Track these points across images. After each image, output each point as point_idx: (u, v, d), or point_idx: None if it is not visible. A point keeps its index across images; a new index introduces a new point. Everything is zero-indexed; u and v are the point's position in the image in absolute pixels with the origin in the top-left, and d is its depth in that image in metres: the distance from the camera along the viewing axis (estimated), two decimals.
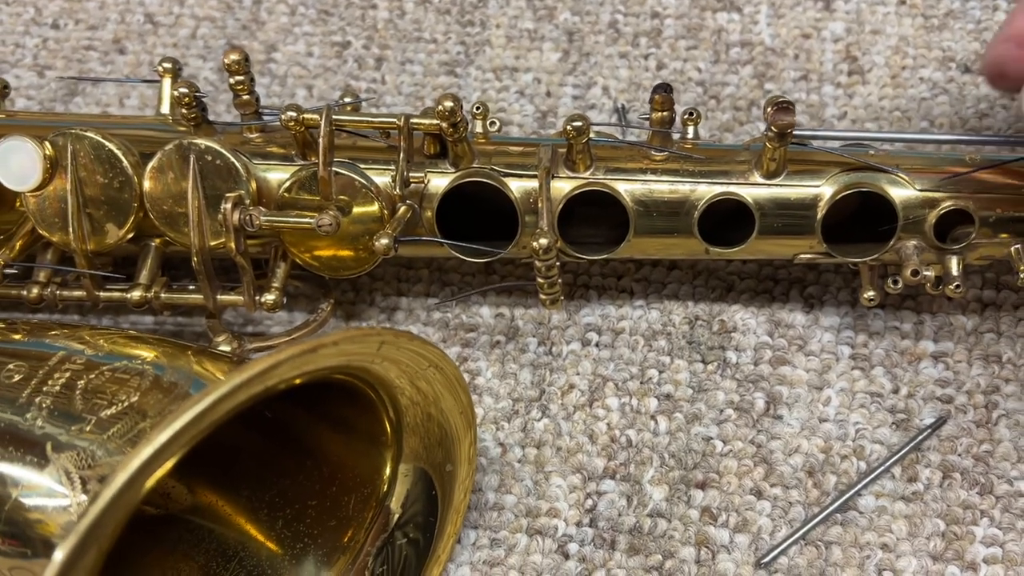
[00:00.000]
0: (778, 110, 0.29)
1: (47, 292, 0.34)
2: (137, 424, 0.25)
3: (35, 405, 0.26)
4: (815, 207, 0.32)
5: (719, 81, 0.42)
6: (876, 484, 0.33)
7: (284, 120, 0.32)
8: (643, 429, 0.34)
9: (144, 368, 0.27)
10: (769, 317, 0.36)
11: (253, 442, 0.31)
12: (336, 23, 0.45)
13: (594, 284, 0.38)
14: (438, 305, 0.37)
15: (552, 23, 0.44)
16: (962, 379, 0.34)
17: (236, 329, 0.38)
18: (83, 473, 0.24)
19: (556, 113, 0.41)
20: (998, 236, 0.31)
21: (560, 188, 0.32)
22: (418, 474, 0.29)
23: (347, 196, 0.32)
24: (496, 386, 0.36)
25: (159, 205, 0.33)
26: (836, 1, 0.43)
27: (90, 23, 0.46)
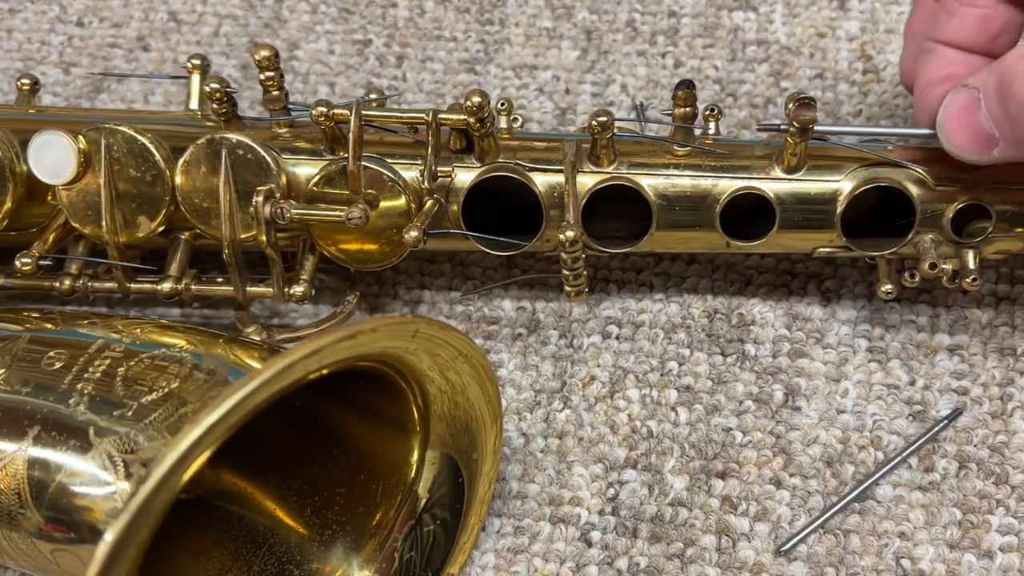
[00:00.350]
0: (800, 106, 0.30)
1: (79, 284, 0.35)
2: (178, 410, 0.26)
3: (77, 391, 0.27)
4: (835, 201, 0.32)
5: (736, 79, 0.42)
6: (893, 474, 0.33)
7: (314, 115, 0.32)
8: (663, 420, 0.35)
9: (182, 356, 0.28)
10: (787, 311, 0.37)
11: (282, 430, 0.32)
12: (357, 21, 0.46)
13: (614, 278, 0.38)
14: (461, 298, 0.38)
15: (570, 22, 0.44)
16: (977, 371, 0.35)
17: (263, 320, 0.38)
18: (126, 457, 0.25)
19: (575, 110, 0.42)
20: (1014, 230, 0.32)
21: (584, 183, 0.33)
22: (445, 460, 0.30)
23: (375, 190, 0.33)
24: (518, 378, 0.36)
25: (190, 198, 0.33)
26: (851, 0, 0.44)
27: (114, 21, 0.47)
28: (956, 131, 0.29)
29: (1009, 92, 0.27)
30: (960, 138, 0.29)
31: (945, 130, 0.29)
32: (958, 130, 0.29)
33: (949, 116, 0.29)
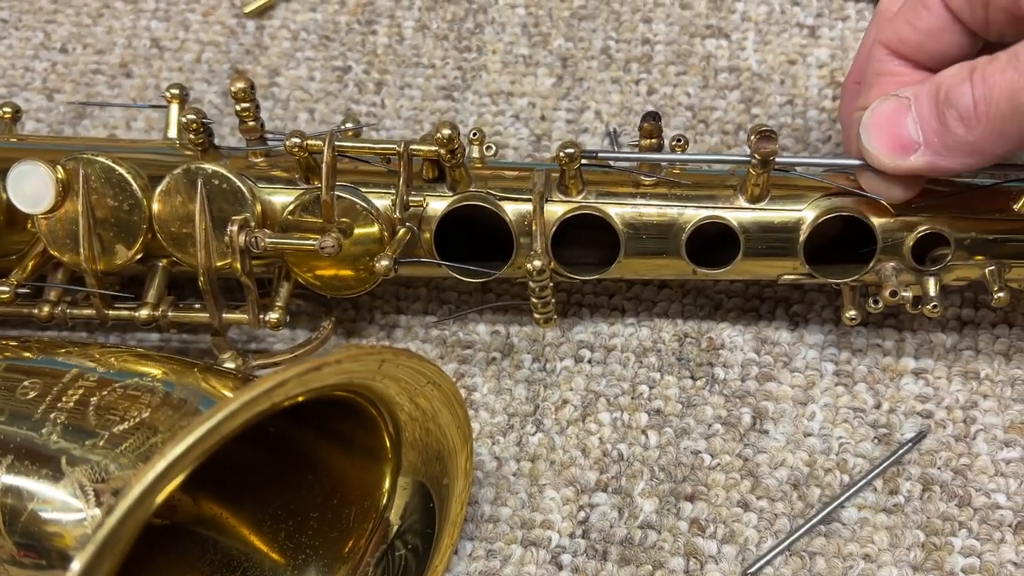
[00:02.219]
0: (761, 138, 0.31)
1: (57, 310, 0.35)
2: (149, 439, 0.26)
3: (50, 421, 0.27)
4: (798, 230, 0.33)
5: (707, 106, 0.43)
6: (858, 496, 0.34)
7: (288, 146, 0.33)
8: (634, 443, 0.35)
9: (154, 385, 0.28)
10: (755, 335, 0.37)
11: (257, 456, 0.32)
12: (337, 48, 0.46)
13: (587, 302, 0.39)
14: (436, 323, 0.38)
15: (546, 49, 0.45)
16: (941, 395, 0.36)
17: (240, 346, 0.39)
18: (97, 487, 0.25)
19: (550, 136, 0.43)
20: (973, 258, 0.33)
21: (553, 211, 0.34)
22: (416, 487, 0.30)
23: (349, 219, 0.34)
24: (492, 401, 0.37)
25: (167, 227, 0.34)
26: (821, 28, 0.45)
27: (98, 47, 0.47)
28: (878, 133, 0.30)
29: (947, 99, 0.28)
30: (880, 139, 0.30)
31: (868, 131, 0.30)
32: (880, 132, 0.30)
33: (874, 118, 0.30)
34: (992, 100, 0.27)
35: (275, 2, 0.48)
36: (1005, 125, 0.28)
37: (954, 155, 0.29)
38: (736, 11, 0.45)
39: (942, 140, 0.29)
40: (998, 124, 0.28)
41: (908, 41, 0.31)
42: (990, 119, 0.27)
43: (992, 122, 0.28)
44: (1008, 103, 0.27)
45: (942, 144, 0.29)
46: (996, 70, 0.27)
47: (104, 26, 0.48)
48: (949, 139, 0.29)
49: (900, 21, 0.30)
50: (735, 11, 0.45)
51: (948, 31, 0.30)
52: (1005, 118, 0.27)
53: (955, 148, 0.29)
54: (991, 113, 0.27)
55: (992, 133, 0.28)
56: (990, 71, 0.27)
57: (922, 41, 0.30)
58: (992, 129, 0.28)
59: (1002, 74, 0.27)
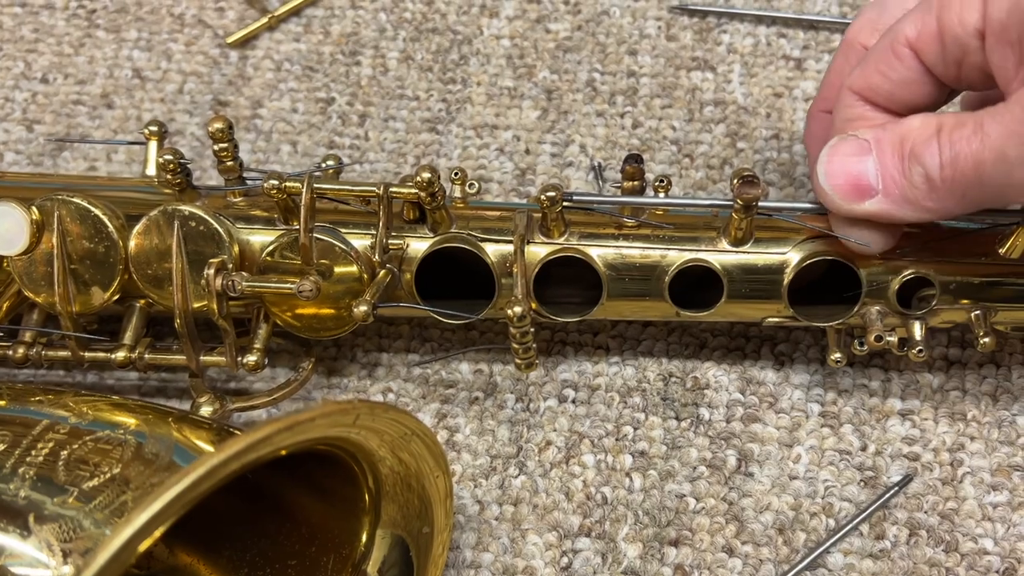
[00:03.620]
0: (744, 183, 0.30)
1: (32, 352, 0.35)
2: (119, 496, 0.26)
3: (18, 476, 0.27)
4: (782, 273, 0.33)
5: (693, 140, 0.43)
6: (844, 541, 0.33)
7: (266, 188, 0.32)
8: (618, 486, 0.35)
9: (126, 438, 0.27)
10: (741, 374, 0.37)
11: (234, 503, 0.32)
12: (320, 79, 0.46)
13: (571, 340, 0.38)
14: (418, 363, 0.38)
15: (531, 81, 0.45)
16: (928, 437, 0.35)
17: (219, 384, 0.38)
18: (65, 546, 0.25)
19: (535, 171, 0.42)
20: (959, 302, 0.32)
21: (535, 253, 0.33)
22: (395, 540, 0.30)
23: (328, 260, 0.33)
24: (474, 443, 0.36)
25: (144, 268, 0.34)
26: (807, 61, 0.44)
27: (79, 78, 0.47)
28: (836, 172, 0.30)
29: (913, 154, 0.28)
30: (837, 179, 0.30)
31: (826, 169, 0.30)
32: (838, 171, 0.30)
33: (832, 156, 0.30)
34: (958, 167, 0.27)
35: (258, 32, 0.47)
36: (968, 191, 0.28)
37: (911, 208, 0.29)
38: (722, 43, 0.45)
39: (902, 192, 0.29)
40: (961, 188, 0.28)
41: (880, 90, 0.30)
42: (955, 183, 0.28)
43: (956, 186, 0.28)
44: (973, 172, 0.27)
45: (901, 196, 0.29)
46: (963, 137, 0.27)
47: (86, 56, 0.47)
48: (910, 193, 0.29)
49: (871, 70, 0.30)
50: (721, 43, 0.45)
51: (920, 82, 0.30)
52: (969, 185, 0.27)
53: (914, 202, 0.29)
54: (956, 178, 0.27)
55: (954, 195, 0.28)
56: (956, 137, 0.27)
57: (894, 91, 0.30)
58: (955, 192, 0.28)
59: (968, 143, 0.27)
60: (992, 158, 0.27)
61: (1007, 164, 0.26)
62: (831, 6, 0.46)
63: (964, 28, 0.28)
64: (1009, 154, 0.26)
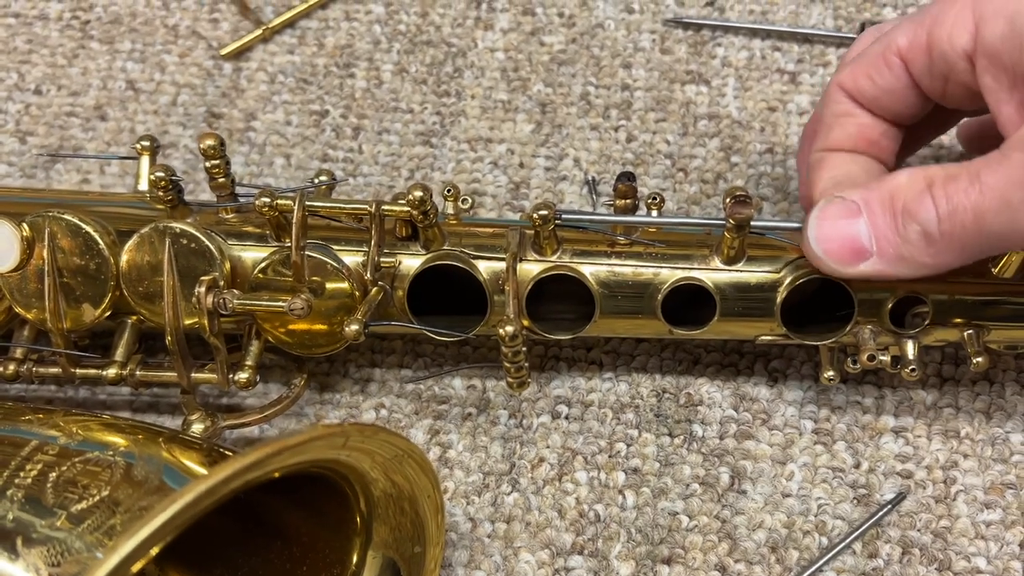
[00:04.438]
0: (736, 202, 0.30)
1: (23, 368, 0.35)
2: (108, 519, 0.26)
3: (7, 497, 0.26)
4: (775, 291, 0.32)
5: (687, 154, 0.43)
6: (837, 560, 0.33)
7: (258, 205, 0.32)
8: (611, 504, 0.35)
9: (116, 459, 0.27)
10: (734, 391, 0.37)
11: (226, 523, 0.31)
12: (315, 92, 0.46)
13: (564, 356, 0.38)
14: (411, 379, 0.38)
15: (526, 94, 0.45)
16: (921, 454, 0.35)
17: (211, 400, 0.38)
18: (53, 570, 0.25)
19: (529, 184, 0.42)
20: (952, 321, 0.32)
21: (528, 271, 0.33)
22: (386, 561, 0.29)
23: (320, 277, 0.33)
24: (467, 459, 0.36)
25: (135, 285, 0.33)
26: (801, 75, 0.44)
27: (72, 89, 0.47)
28: (828, 237, 0.29)
29: (907, 211, 0.28)
30: (830, 244, 0.29)
31: (816, 234, 0.30)
32: (830, 236, 0.29)
33: (822, 220, 0.30)
34: (957, 220, 0.27)
35: (252, 44, 0.47)
36: (968, 243, 0.27)
37: (908, 266, 0.29)
38: (716, 57, 0.45)
39: (897, 251, 0.28)
40: (960, 242, 0.27)
41: (866, 93, 0.31)
42: (954, 237, 0.27)
43: (955, 240, 0.27)
44: (973, 224, 0.27)
45: (897, 255, 0.29)
46: (959, 190, 0.27)
47: (79, 67, 0.47)
48: (906, 251, 0.28)
49: (861, 73, 0.30)
50: (715, 57, 0.45)
51: (906, 93, 0.30)
52: (969, 237, 0.27)
53: (910, 260, 0.28)
54: (955, 232, 0.27)
55: (953, 249, 0.28)
56: (952, 190, 0.27)
57: (880, 97, 0.30)
58: (954, 246, 0.28)
59: (966, 194, 0.27)
60: (995, 207, 0.26)
61: (1011, 211, 0.26)
62: (826, 20, 0.46)
63: (952, 47, 0.28)
64: (1013, 201, 0.26)
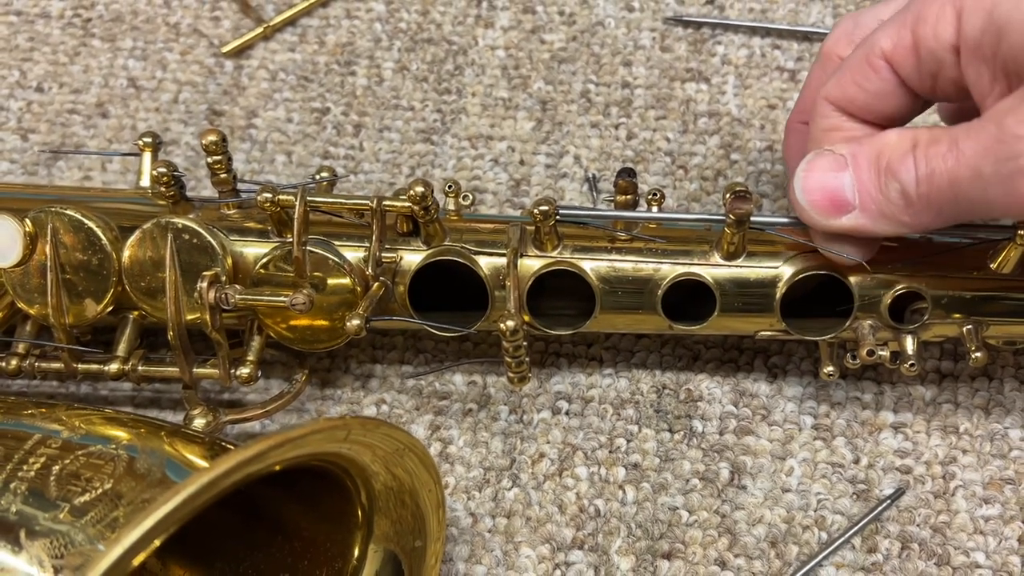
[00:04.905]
0: (736, 198, 0.30)
1: (25, 364, 0.35)
2: (111, 511, 0.26)
3: (10, 490, 0.27)
4: (774, 287, 0.33)
5: (687, 151, 0.43)
6: (837, 555, 0.33)
7: (260, 201, 0.32)
8: (611, 499, 0.35)
9: (118, 452, 0.27)
10: (734, 387, 0.37)
11: (228, 517, 0.32)
12: (316, 89, 0.46)
13: (565, 352, 0.38)
14: (412, 375, 0.38)
15: (526, 92, 0.45)
16: (920, 450, 0.35)
17: (213, 396, 0.38)
18: (56, 562, 0.25)
19: (529, 182, 0.43)
20: (951, 316, 0.32)
21: (529, 266, 0.33)
22: (388, 555, 0.30)
23: (321, 272, 0.33)
24: (468, 455, 0.36)
25: (137, 281, 0.34)
26: (801, 73, 0.45)
27: (74, 87, 0.47)
28: (813, 188, 0.30)
29: (889, 170, 0.28)
30: (814, 194, 0.30)
31: (803, 184, 0.30)
32: (815, 187, 0.30)
33: (809, 172, 0.30)
34: (934, 184, 0.27)
35: (254, 42, 0.47)
36: (944, 206, 0.28)
37: (888, 223, 0.29)
38: (716, 54, 0.45)
39: (879, 207, 0.29)
40: (937, 204, 0.28)
41: (855, 101, 0.31)
42: (931, 199, 0.28)
43: (932, 202, 0.28)
44: (949, 189, 0.27)
45: (879, 211, 0.29)
46: (938, 153, 0.27)
47: (81, 65, 0.47)
48: (887, 208, 0.29)
49: (847, 82, 0.30)
50: (715, 54, 0.45)
51: (895, 94, 0.30)
52: (945, 201, 0.28)
53: (891, 217, 0.29)
54: (932, 194, 0.28)
55: (931, 211, 0.28)
56: (932, 153, 0.27)
57: (870, 102, 0.30)
58: (931, 208, 0.28)
59: (943, 159, 0.27)
60: (968, 175, 0.27)
61: (982, 181, 0.26)
62: (825, 18, 0.46)
63: (939, 43, 0.28)
64: (984, 171, 0.26)
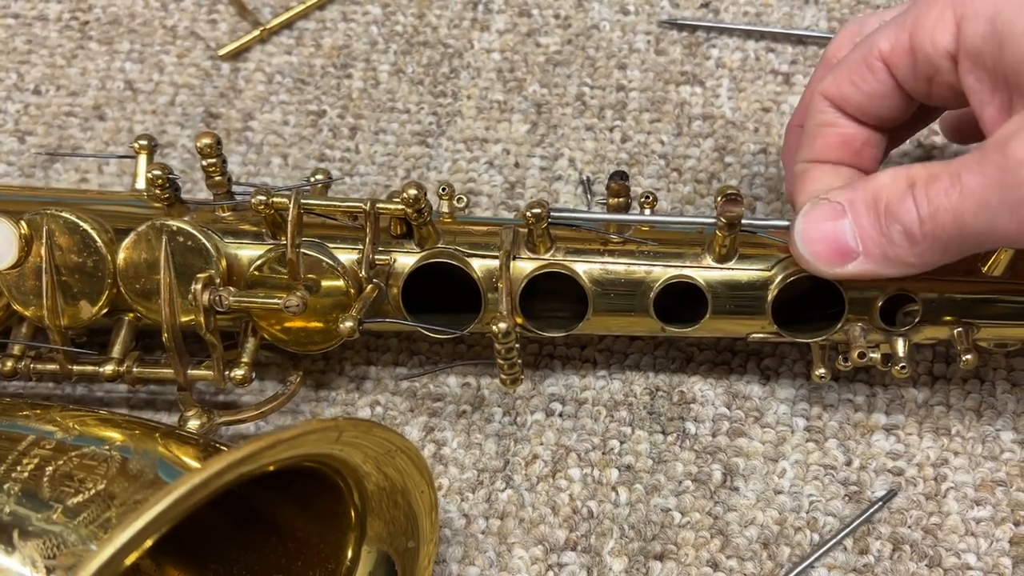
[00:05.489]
0: (727, 201, 0.31)
1: (21, 365, 0.35)
2: (104, 512, 0.26)
3: (3, 491, 0.27)
4: (766, 289, 0.33)
5: (681, 154, 0.43)
6: (829, 556, 0.34)
7: (254, 203, 0.33)
8: (604, 500, 0.35)
9: (111, 454, 0.28)
10: (727, 389, 0.37)
11: (221, 519, 0.32)
12: (312, 92, 0.46)
13: (558, 354, 0.39)
14: (406, 377, 0.38)
15: (521, 95, 0.45)
16: (912, 452, 0.35)
17: (208, 397, 0.38)
18: (49, 563, 0.25)
19: (524, 184, 0.43)
20: (942, 319, 0.33)
21: (521, 268, 0.34)
22: (381, 556, 0.30)
23: (315, 275, 0.33)
24: (461, 456, 0.36)
25: (132, 283, 0.34)
26: (795, 76, 0.45)
27: (71, 89, 0.47)
28: (815, 239, 0.30)
29: (889, 212, 0.28)
30: (817, 245, 0.30)
31: (803, 236, 0.30)
32: (816, 238, 0.30)
33: (808, 223, 0.30)
34: (938, 221, 0.27)
35: (250, 45, 0.48)
36: (949, 244, 0.28)
37: (893, 265, 0.29)
38: (711, 58, 0.45)
39: (883, 252, 0.29)
40: (943, 242, 0.28)
41: (851, 100, 0.31)
42: (936, 238, 0.28)
43: (938, 240, 0.28)
44: (954, 226, 0.27)
45: (883, 255, 0.29)
46: (940, 191, 0.27)
47: (78, 67, 0.48)
48: (891, 251, 0.29)
49: (844, 80, 0.30)
50: (710, 58, 0.45)
51: (891, 96, 0.30)
52: (951, 238, 0.27)
53: (895, 259, 0.29)
54: (936, 233, 0.27)
55: (936, 250, 0.28)
56: (934, 192, 0.27)
57: (864, 103, 0.30)
58: (936, 245, 0.28)
59: (946, 196, 0.27)
60: (973, 208, 0.26)
61: (989, 213, 0.26)
62: (819, 21, 0.46)
63: (935, 48, 0.28)
64: (991, 202, 0.26)
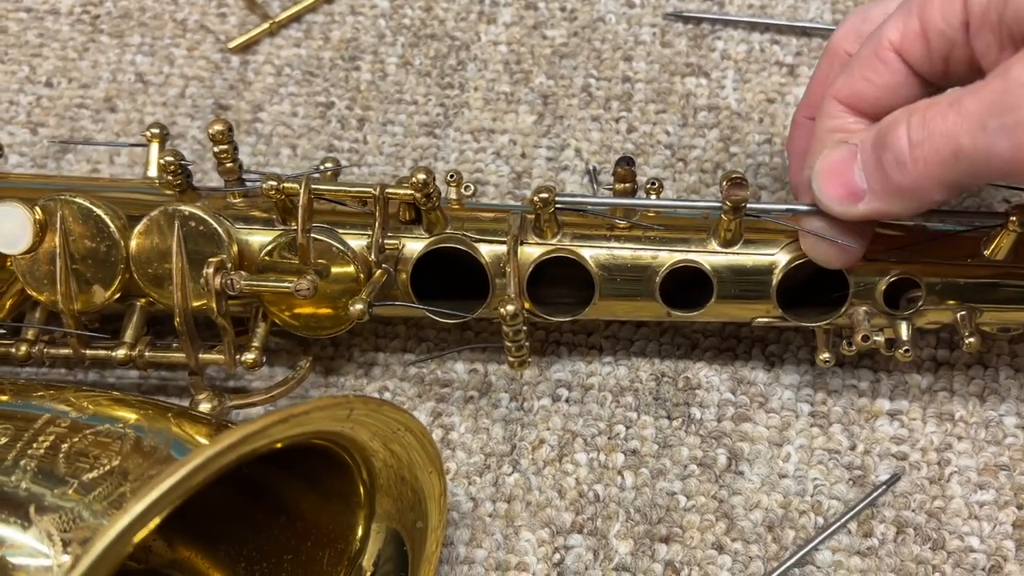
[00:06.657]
0: (732, 185, 0.31)
1: (35, 350, 0.35)
2: (118, 488, 0.26)
3: (20, 468, 0.27)
4: (771, 274, 0.33)
5: (687, 144, 0.43)
6: (833, 539, 0.34)
7: (265, 189, 0.33)
8: (610, 484, 0.35)
9: (126, 432, 0.28)
10: (732, 375, 0.37)
11: (231, 498, 0.32)
12: (320, 84, 0.47)
13: (565, 340, 0.39)
14: (414, 362, 0.39)
15: (528, 86, 0.46)
16: (916, 436, 0.36)
17: (218, 382, 0.39)
18: (64, 536, 0.25)
19: (531, 174, 0.43)
20: (945, 302, 0.33)
21: (529, 253, 0.34)
22: (390, 534, 0.30)
23: (325, 260, 0.34)
24: (469, 441, 0.37)
25: (144, 268, 0.34)
26: (800, 67, 0.45)
27: (83, 82, 0.48)
28: (828, 180, 0.30)
29: (884, 142, 0.28)
30: (829, 186, 0.30)
31: (819, 178, 0.30)
32: (829, 179, 0.30)
33: (824, 165, 0.30)
34: (931, 144, 0.27)
35: (260, 38, 0.48)
36: (945, 170, 0.27)
37: (893, 200, 0.28)
38: (716, 49, 0.46)
39: (883, 185, 0.28)
40: (936, 169, 0.27)
41: (866, 97, 0.30)
42: (928, 163, 0.27)
43: (930, 166, 0.27)
44: (948, 147, 0.26)
45: (883, 189, 0.28)
46: (937, 114, 0.27)
47: (89, 60, 0.48)
48: (887, 183, 0.28)
49: (856, 77, 0.30)
50: (715, 49, 0.46)
51: (906, 85, 0.30)
52: (945, 163, 0.27)
53: (893, 192, 0.28)
54: (929, 157, 0.27)
55: (929, 178, 0.27)
56: (931, 115, 0.27)
57: (880, 96, 0.30)
58: (929, 174, 0.27)
59: (943, 118, 0.26)
60: (970, 129, 0.26)
61: (986, 135, 0.25)
62: (824, 13, 0.47)
63: (948, 23, 0.28)
64: (989, 125, 0.25)
